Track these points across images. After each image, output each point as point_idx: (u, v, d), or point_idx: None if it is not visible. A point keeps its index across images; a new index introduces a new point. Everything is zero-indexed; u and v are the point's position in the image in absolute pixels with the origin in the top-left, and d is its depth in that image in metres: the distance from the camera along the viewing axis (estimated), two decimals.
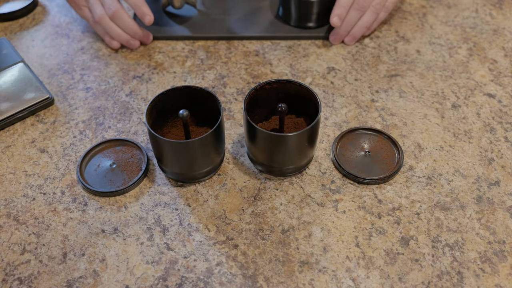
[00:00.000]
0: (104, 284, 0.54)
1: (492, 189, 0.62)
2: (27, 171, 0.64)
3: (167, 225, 0.59)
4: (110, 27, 0.76)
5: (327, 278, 0.54)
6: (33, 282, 0.54)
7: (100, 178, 0.63)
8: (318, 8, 0.79)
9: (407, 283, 0.54)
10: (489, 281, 0.54)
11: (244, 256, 0.56)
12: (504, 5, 0.87)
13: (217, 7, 0.85)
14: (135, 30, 0.76)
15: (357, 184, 0.62)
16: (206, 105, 0.61)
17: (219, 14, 0.84)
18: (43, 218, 0.60)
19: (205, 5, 0.86)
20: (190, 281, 0.54)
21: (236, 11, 0.85)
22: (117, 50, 0.79)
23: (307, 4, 0.78)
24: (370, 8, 0.76)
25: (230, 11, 0.85)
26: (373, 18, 0.77)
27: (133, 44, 0.78)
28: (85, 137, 0.68)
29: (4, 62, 0.74)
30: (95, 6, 0.75)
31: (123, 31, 0.76)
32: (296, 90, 0.61)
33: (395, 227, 0.58)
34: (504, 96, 0.72)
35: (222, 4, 0.86)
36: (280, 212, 0.60)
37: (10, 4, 0.87)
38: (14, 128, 0.69)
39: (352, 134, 0.67)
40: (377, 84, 0.74)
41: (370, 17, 0.76)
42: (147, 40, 0.79)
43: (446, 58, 0.78)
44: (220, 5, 0.86)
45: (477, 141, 0.67)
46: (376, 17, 0.77)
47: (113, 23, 0.75)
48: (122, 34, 0.76)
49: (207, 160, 0.60)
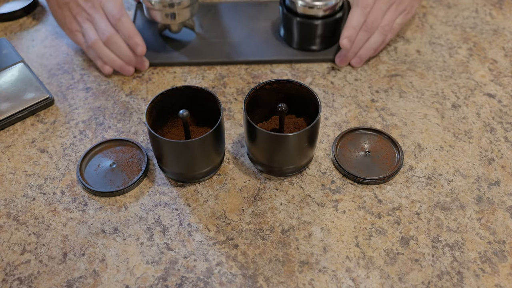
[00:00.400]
0: (104, 284, 0.54)
1: (492, 189, 0.62)
2: (27, 171, 0.64)
3: (167, 225, 0.59)
4: (104, 53, 0.72)
5: (327, 278, 0.54)
6: (33, 282, 0.54)
7: (100, 178, 0.63)
8: (322, 30, 0.75)
9: (407, 283, 0.54)
10: (489, 281, 0.54)
11: (244, 256, 0.56)
12: (504, 5, 0.87)
13: (216, 29, 0.81)
14: (129, 56, 0.73)
15: (357, 184, 0.62)
16: (206, 105, 0.61)
17: (218, 37, 0.80)
18: (43, 218, 0.60)
19: (203, 28, 0.82)
20: (190, 281, 0.54)
21: (236, 33, 0.81)
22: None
23: (310, 26, 0.74)
24: (378, 29, 0.73)
25: (229, 33, 0.81)
26: (381, 40, 0.74)
27: (127, 70, 0.74)
28: (85, 137, 0.68)
29: (4, 62, 0.74)
30: (88, 31, 0.72)
31: (117, 57, 0.73)
32: (296, 90, 0.61)
33: (395, 227, 0.58)
34: (504, 96, 0.72)
35: (221, 26, 0.82)
36: (280, 212, 0.60)
37: (10, 4, 0.87)
38: (14, 128, 0.69)
39: (352, 134, 0.67)
40: (377, 84, 0.74)
41: (378, 38, 0.74)
42: (142, 67, 0.75)
43: (446, 58, 0.78)
44: (219, 27, 0.82)
45: (477, 141, 0.67)
46: (384, 39, 0.74)
47: (106, 48, 0.72)
48: (116, 60, 0.73)
49: (207, 160, 0.60)
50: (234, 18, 0.83)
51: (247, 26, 0.82)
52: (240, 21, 0.83)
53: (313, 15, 0.73)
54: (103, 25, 0.71)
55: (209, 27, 0.82)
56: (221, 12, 0.85)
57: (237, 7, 0.85)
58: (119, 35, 0.72)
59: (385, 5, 0.73)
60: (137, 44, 0.71)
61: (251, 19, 0.83)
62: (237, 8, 0.85)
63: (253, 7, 0.85)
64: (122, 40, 0.72)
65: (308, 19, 0.74)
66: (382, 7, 0.73)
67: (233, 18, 0.83)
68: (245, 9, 0.85)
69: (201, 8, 0.85)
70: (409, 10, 0.76)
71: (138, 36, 0.71)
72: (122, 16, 0.71)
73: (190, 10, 0.74)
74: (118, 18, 0.71)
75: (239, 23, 0.83)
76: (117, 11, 0.71)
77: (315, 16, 0.73)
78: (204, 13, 0.84)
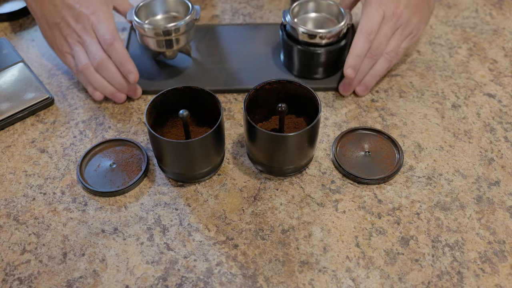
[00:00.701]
0: (104, 284, 0.54)
1: (492, 189, 0.62)
2: (27, 171, 0.64)
3: (167, 225, 0.59)
4: (95, 78, 0.68)
5: (327, 278, 0.54)
6: (33, 282, 0.54)
7: (100, 178, 0.63)
8: (325, 59, 0.70)
9: (407, 283, 0.54)
10: (489, 281, 0.54)
11: (244, 256, 0.56)
12: (504, 5, 0.87)
13: (214, 55, 0.77)
14: (121, 83, 0.68)
15: (357, 184, 0.62)
16: (206, 105, 0.61)
17: (216, 62, 0.76)
18: (43, 218, 0.60)
19: (200, 52, 0.77)
20: (190, 281, 0.54)
21: (234, 58, 0.76)
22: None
23: (312, 54, 0.70)
24: (383, 55, 0.69)
25: (227, 58, 0.76)
26: (387, 66, 0.70)
27: (118, 97, 0.70)
28: (85, 137, 0.68)
29: (4, 62, 0.74)
30: (79, 54, 0.68)
31: (108, 83, 0.69)
32: (296, 90, 0.61)
33: (395, 227, 0.58)
34: (504, 96, 0.72)
35: (218, 51, 0.78)
36: (280, 212, 0.60)
37: (10, 4, 0.87)
38: (14, 128, 0.69)
39: (352, 134, 0.67)
40: (377, 84, 0.74)
41: (384, 65, 0.70)
42: (135, 95, 0.71)
43: (446, 58, 0.78)
44: (216, 52, 0.77)
45: (477, 141, 0.67)
46: (389, 65, 0.70)
47: (97, 74, 0.68)
48: (107, 86, 0.69)
49: (207, 160, 0.60)
50: (233, 42, 0.79)
51: (246, 51, 0.78)
52: (239, 45, 0.79)
53: (316, 43, 0.69)
54: (94, 49, 0.67)
55: (206, 51, 0.78)
56: (218, 35, 0.80)
57: (235, 30, 0.81)
58: (111, 60, 0.67)
59: (390, 30, 0.68)
60: (130, 72, 0.67)
61: (250, 43, 0.79)
62: (236, 32, 0.81)
63: (252, 30, 0.81)
64: (114, 66, 0.68)
65: (310, 46, 0.69)
66: (387, 33, 0.68)
67: (231, 42, 0.79)
68: (243, 33, 0.81)
69: (198, 31, 0.80)
70: (415, 33, 0.71)
71: (131, 63, 0.67)
72: (114, 40, 0.67)
73: (186, 37, 0.70)
74: (111, 43, 0.66)
75: (238, 47, 0.78)
76: (110, 35, 0.67)
77: (318, 44, 0.69)
78: (201, 36, 0.80)
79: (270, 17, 0.85)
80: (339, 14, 0.72)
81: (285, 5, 0.87)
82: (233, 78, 0.74)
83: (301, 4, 0.72)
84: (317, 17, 0.73)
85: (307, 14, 0.73)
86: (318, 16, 0.73)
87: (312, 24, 0.72)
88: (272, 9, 0.87)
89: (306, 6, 0.73)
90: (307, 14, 0.73)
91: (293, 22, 0.69)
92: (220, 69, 0.75)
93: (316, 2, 0.73)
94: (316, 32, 0.68)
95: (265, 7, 0.87)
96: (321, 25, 0.72)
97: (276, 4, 0.88)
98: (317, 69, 0.72)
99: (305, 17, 0.73)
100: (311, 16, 0.73)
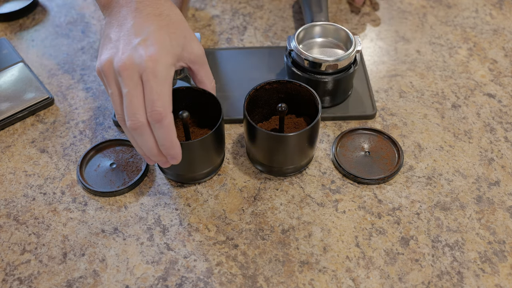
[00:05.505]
0: (104, 284, 0.54)
1: (492, 189, 0.62)
2: (27, 171, 0.64)
3: (167, 225, 0.59)
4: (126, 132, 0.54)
5: (327, 278, 0.54)
6: (33, 282, 0.54)
7: (100, 178, 0.63)
8: (332, 87, 0.66)
9: (407, 283, 0.54)
10: (489, 281, 0.54)
11: (244, 256, 0.56)
12: (504, 5, 0.87)
13: (215, 81, 0.67)
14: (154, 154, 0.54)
15: (357, 184, 0.62)
16: (207, 106, 0.61)
17: (217, 90, 0.70)
18: (43, 218, 0.60)
19: None
20: (190, 281, 0.54)
21: (236, 86, 0.72)
22: None
23: (318, 83, 0.65)
24: None
25: (229, 86, 0.72)
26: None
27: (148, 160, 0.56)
28: (85, 137, 0.68)
29: (4, 62, 0.74)
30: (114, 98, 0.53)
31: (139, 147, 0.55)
32: (296, 90, 0.61)
33: (395, 227, 0.58)
34: (504, 96, 0.72)
35: (220, 78, 0.73)
36: (280, 212, 0.60)
37: (10, 4, 0.87)
38: (14, 128, 0.69)
39: (352, 134, 0.67)
40: (377, 84, 0.74)
41: None
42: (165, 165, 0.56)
43: (446, 58, 0.78)
44: (217, 79, 0.73)
45: (477, 141, 0.67)
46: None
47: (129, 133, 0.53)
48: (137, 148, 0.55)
49: (207, 161, 0.60)
50: (235, 68, 0.75)
51: (248, 78, 0.73)
52: (241, 71, 0.74)
53: (322, 71, 0.65)
54: (136, 104, 0.50)
55: None
56: (220, 60, 0.76)
57: (237, 55, 0.77)
58: (149, 128, 0.51)
59: None
60: (173, 157, 0.53)
61: (253, 69, 0.75)
62: (238, 56, 0.77)
63: (255, 55, 0.77)
64: (153, 138, 0.52)
65: (317, 74, 0.65)
66: None
67: (233, 68, 0.75)
68: (246, 57, 0.77)
69: None
70: None
71: (178, 147, 0.53)
72: (166, 116, 0.50)
73: None
74: (159, 119, 0.50)
75: (240, 74, 0.74)
76: (161, 104, 0.50)
77: (324, 72, 0.65)
78: None
79: (270, 17, 0.85)
80: (347, 40, 0.67)
81: (285, 5, 0.87)
82: (235, 108, 0.69)
83: (306, 29, 0.68)
84: (324, 43, 0.69)
85: (313, 39, 0.69)
86: (325, 42, 0.69)
87: (318, 50, 0.68)
88: (272, 9, 0.87)
89: (312, 31, 0.69)
90: (313, 39, 0.69)
91: (299, 49, 0.65)
92: (222, 97, 0.70)
93: (323, 26, 0.68)
94: (323, 60, 0.63)
95: (265, 7, 0.87)
96: (328, 52, 0.67)
97: (276, 4, 0.88)
98: (324, 97, 0.68)
99: (311, 43, 0.69)
100: (317, 41, 0.69)
